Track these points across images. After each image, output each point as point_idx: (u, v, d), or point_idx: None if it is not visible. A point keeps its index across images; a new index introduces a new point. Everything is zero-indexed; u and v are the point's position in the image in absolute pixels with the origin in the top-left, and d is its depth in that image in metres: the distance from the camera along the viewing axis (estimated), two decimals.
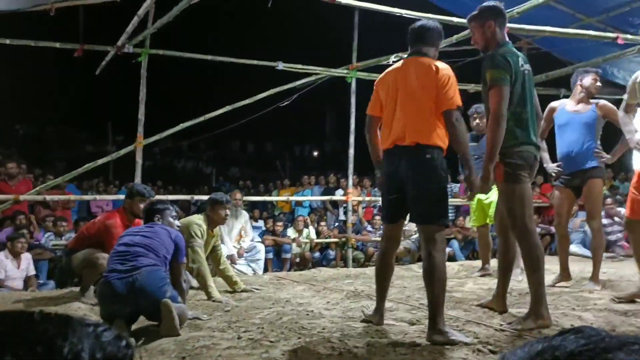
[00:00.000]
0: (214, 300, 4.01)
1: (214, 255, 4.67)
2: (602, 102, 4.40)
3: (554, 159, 4.51)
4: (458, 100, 2.90)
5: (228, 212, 4.62)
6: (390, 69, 3.13)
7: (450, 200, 8.41)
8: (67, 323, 0.51)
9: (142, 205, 4.32)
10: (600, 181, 4.31)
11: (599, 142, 4.35)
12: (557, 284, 4.43)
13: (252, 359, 2.41)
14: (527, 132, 3.02)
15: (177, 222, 4.01)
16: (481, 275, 5.21)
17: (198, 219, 4.45)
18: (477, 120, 5.20)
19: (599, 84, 4.40)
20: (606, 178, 4.43)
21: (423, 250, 2.91)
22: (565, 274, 4.49)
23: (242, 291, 4.48)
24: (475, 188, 2.96)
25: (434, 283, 2.78)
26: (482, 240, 5.60)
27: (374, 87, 3.17)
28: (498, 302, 3.40)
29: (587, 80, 4.39)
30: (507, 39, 3.16)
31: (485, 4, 3.16)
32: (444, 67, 2.91)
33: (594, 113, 4.32)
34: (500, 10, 3.13)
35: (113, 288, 3.08)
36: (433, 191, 2.84)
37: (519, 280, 4.78)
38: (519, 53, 3.13)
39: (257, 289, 4.55)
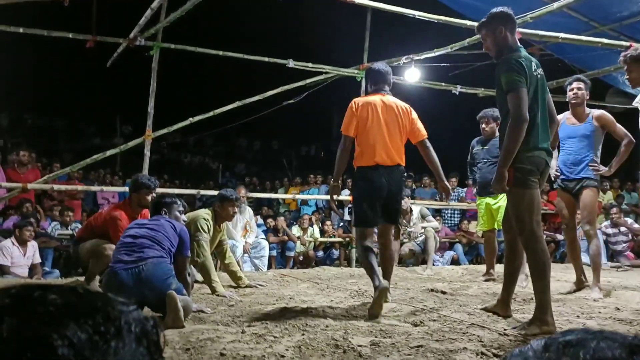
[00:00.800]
0: (217, 295, 4.01)
1: (219, 250, 4.67)
2: (599, 112, 4.38)
3: None
4: (425, 130, 3.84)
5: (237, 209, 4.62)
6: (372, 99, 3.72)
7: (455, 204, 8.49)
8: (108, 298, 0.52)
9: (148, 197, 4.34)
10: (595, 190, 4.32)
11: (598, 153, 4.34)
12: (570, 292, 4.40)
13: (256, 353, 2.41)
14: (538, 138, 3.01)
15: (183, 217, 4.03)
16: (485, 280, 5.20)
17: (206, 214, 4.44)
18: (483, 125, 5.21)
19: (577, 92, 4.35)
20: (601, 186, 4.46)
21: (386, 241, 3.81)
22: (579, 281, 4.47)
23: (246, 286, 4.49)
24: (449, 194, 3.88)
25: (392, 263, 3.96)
26: (488, 245, 5.59)
27: (352, 109, 3.69)
28: (502, 307, 3.38)
29: (568, 93, 4.42)
30: (518, 44, 3.15)
31: (494, 10, 3.15)
32: (410, 107, 3.84)
33: (590, 125, 4.31)
34: (509, 15, 3.12)
35: (119, 278, 3.10)
36: (401, 199, 3.87)
37: (523, 286, 4.77)
38: (532, 58, 3.11)
39: (260, 285, 4.56)
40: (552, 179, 4.57)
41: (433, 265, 6.53)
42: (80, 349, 0.46)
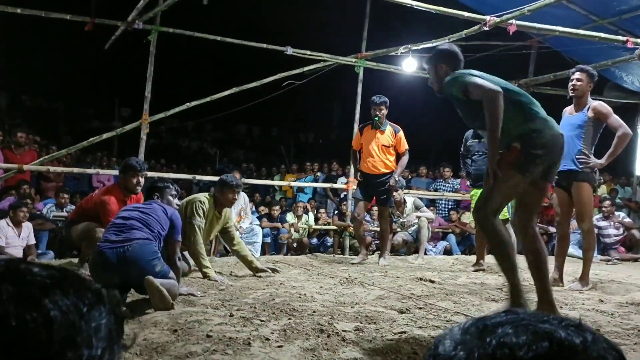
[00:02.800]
0: (209, 279, 4.04)
1: (227, 236, 4.60)
2: (595, 103, 4.26)
3: None
4: (406, 145, 5.66)
5: (237, 196, 4.56)
6: (368, 126, 5.67)
7: (449, 194, 8.53)
8: (82, 275, 0.61)
9: (134, 180, 4.29)
10: (586, 185, 4.19)
11: (592, 146, 4.23)
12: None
13: (242, 335, 2.46)
14: (532, 109, 2.89)
15: (176, 201, 4.06)
16: (475, 270, 5.26)
17: (204, 197, 4.39)
18: None
19: (575, 83, 4.26)
20: (594, 181, 4.33)
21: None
22: (558, 278, 4.39)
23: (259, 271, 4.39)
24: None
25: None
26: (479, 235, 5.64)
27: (359, 131, 5.81)
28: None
29: (569, 84, 4.33)
30: None
31: (440, 46, 3.26)
32: (397, 128, 5.63)
33: (584, 115, 4.22)
34: (452, 52, 3.16)
35: (104, 257, 3.14)
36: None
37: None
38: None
39: (274, 270, 4.46)
40: None
41: (425, 254, 6.59)
42: (66, 313, 0.53)
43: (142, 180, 4.39)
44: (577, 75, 4.30)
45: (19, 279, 0.54)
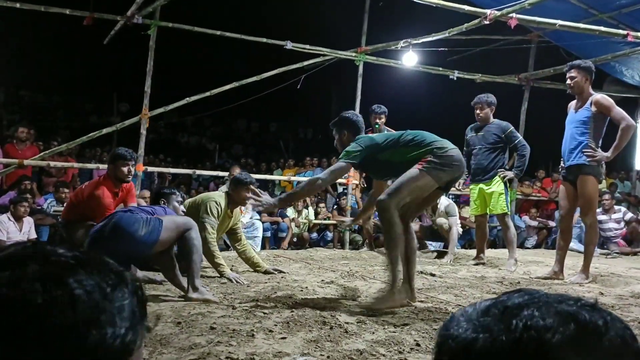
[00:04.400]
0: (224, 277, 3.91)
1: (233, 237, 4.52)
2: (597, 97, 4.26)
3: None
4: None
5: (251, 194, 4.48)
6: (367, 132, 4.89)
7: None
8: (106, 259, 0.61)
9: (125, 169, 4.14)
10: (591, 178, 4.21)
11: (599, 140, 4.24)
12: (547, 278, 4.43)
13: (245, 327, 2.48)
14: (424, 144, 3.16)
15: (182, 207, 4.03)
16: (475, 264, 5.28)
17: (219, 196, 4.28)
18: (477, 111, 5.30)
19: (570, 82, 4.28)
20: (600, 175, 4.32)
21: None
22: (558, 271, 4.42)
23: (265, 272, 4.29)
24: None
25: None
26: (479, 229, 5.66)
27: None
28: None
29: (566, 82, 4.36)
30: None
31: (344, 114, 3.52)
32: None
33: (588, 110, 4.23)
34: (354, 121, 3.44)
35: (91, 236, 3.17)
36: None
37: (511, 270, 4.86)
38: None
39: (280, 271, 4.32)
40: (559, 169, 4.61)
41: (424, 248, 6.60)
42: (90, 293, 0.54)
43: (132, 169, 4.24)
44: (571, 73, 4.32)
45: (45, 259, 0.55)
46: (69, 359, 0.51)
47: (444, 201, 6.39)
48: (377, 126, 5.88)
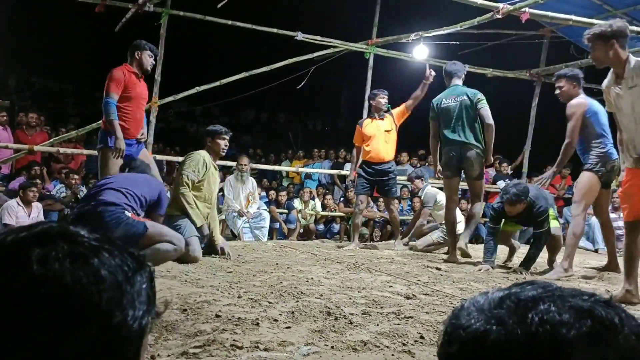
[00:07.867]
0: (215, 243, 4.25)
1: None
2: (569, 102, 4.31)
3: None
4: (401, 106, 5.76)
5: (227, 142, 4.55)
6: (369, 120, 5.72)
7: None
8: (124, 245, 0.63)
9: (151, 60, 4.84)
10: (587, 173, 4.30)
11: (591, 139, 4.29)
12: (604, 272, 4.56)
13: (250, 316, 2.50)
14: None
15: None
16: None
17: (199, 152, 4.44)
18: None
19: (559, 86, 4.35)
20: (596, 171, 4.35)
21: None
22: (612, 264, 4.58)
23: (216, 246, 4.47)
24: None
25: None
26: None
27: (358, 126, 5.76)
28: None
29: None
30: None
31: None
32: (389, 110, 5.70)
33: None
34: None
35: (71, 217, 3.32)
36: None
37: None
38: None
39: (225, 253, 4.43)
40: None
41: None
42: (114, 274, 0.55)
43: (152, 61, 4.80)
44: (559, 83, 4.40)
45: (72, 239, 0.56)
46: (96, 338, 0.52)
47: (428, 191, 6.27)
48: (389, 106, 5.74)
